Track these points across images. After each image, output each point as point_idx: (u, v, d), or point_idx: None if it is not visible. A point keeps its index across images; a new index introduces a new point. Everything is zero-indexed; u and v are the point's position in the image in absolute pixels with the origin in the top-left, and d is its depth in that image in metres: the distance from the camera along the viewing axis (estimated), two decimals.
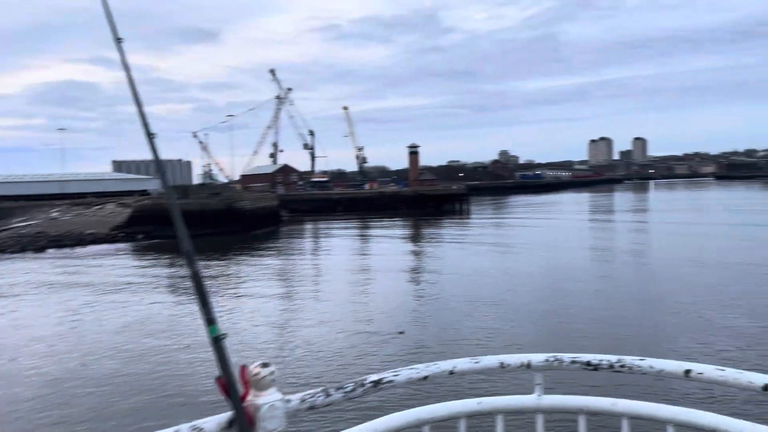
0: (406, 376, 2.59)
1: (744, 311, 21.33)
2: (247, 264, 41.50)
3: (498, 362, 2.81)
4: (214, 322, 2.27)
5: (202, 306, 2.29)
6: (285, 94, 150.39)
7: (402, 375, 2.59)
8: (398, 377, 2.58)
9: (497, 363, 2.80)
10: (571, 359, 2.81)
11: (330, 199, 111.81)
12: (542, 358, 2.82)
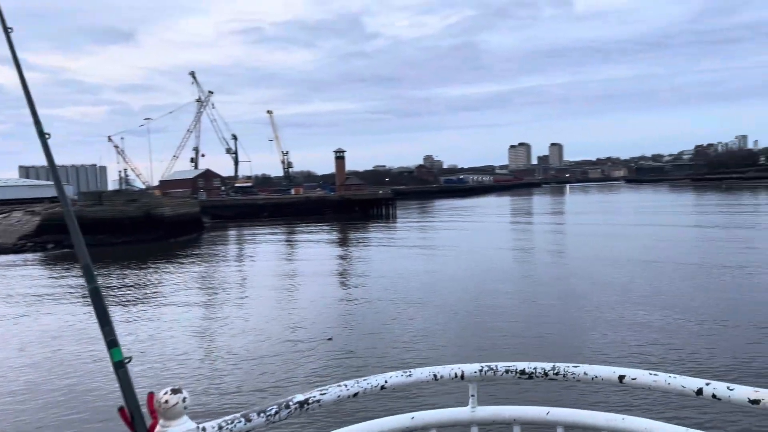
0: (335, 394, 2.45)
1: (653, 307, 22.52)
2: (166, 273, 39.98)
3: (431, 374, 2.73)
4: (117, 345, 2.09)
5: (102, 326, 2.10)
6: (206, 97, 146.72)
7: (330, 393, 2.44)
8: (326, 396, 2.42)
9: (430, 375, 2.73)
10: (505, 368, 2.77)
11: (254, 204, 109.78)
12: (475, 368, 2.77)
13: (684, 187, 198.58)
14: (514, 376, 2.76)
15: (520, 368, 2.76)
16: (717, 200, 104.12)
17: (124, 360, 2.06)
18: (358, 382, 2.56)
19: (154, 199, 77.41)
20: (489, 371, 2.76)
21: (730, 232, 49.84)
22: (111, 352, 2.05)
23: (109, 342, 2.07)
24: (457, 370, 2.75)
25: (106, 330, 2.09)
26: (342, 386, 2.51)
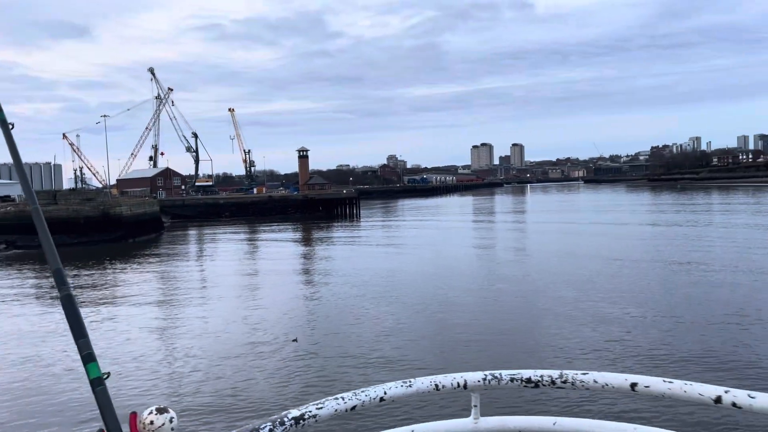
0: (332, 408, 2.31)
1: (611, 302, 22.92)
2: (124, 274, 38.95)
3: (432, 384, 2.59)
4: (93, 359, 1.84)
5: (76, 338, 1.85)
6: (165, 95, 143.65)
7: (327, 407, 2.31)
8: (323, 410, 2.28)
9: (431, 385, 2.59)
10: (510, 376, 2.65)
11: (216, 204, 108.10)
12: (479, 377, 2.64)
13: (641, 187, 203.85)
14: (519, 385, 2.63)
15: (526, 376, 2.65)
16: (672, 200, 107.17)
17: (102, 376, 1.84)
18: (356, 394, 2.43)
19: (112, 198, 75.48)
20: (493, 380, 2.63)
21: (685, 230, 51.28)
22: (87, 368, 1.82)
23: (84, 356, 1.84)
24: (460, 379, 2.63)
25: (81, 343, 1.86)
26: (339, 399, 2.37)
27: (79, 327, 1.90)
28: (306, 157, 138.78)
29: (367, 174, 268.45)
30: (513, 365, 16.32)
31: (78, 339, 1.88)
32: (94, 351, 1.88)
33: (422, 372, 15.83)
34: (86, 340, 1.88)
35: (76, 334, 1.88)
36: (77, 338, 1.87)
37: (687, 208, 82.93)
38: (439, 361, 16.70)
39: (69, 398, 14.78)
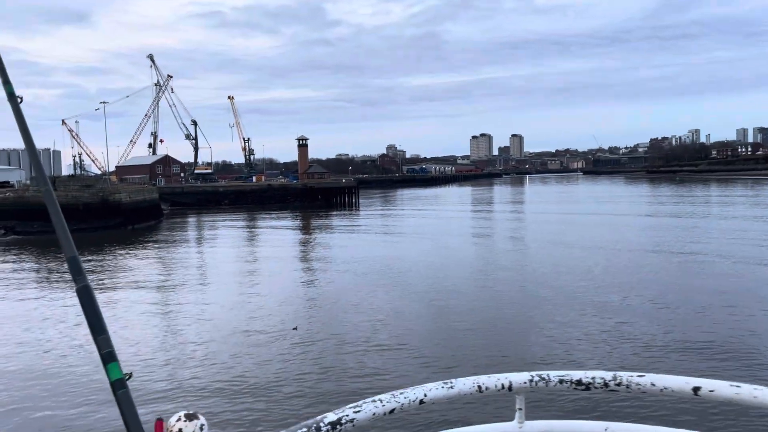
0: (370, 411, 2.21)
1: (609, 290, 23.00)
2: (123, 261, 38.99)
3: (474, 385, 2.46)
4: (115, 359, 1.67)
5: (95, 335, 1.68)
6: (165, 82, 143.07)
7: (365, 410, 2.20)
8: (360, 413, 2.18)
9: (474, 386, 2.46)
10: (559, 378, 2.49)
11: (215, 191, 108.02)
12: (524, 378, 2.50)
13: (639, 179, 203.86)
14: (569, 387, 2.48)
15: (576, 378, 2.49)
16: (671, 192, 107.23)
17: (124, 377, 1.66)
18: (394, 396, 2.30)
19: (111, 185, 75.41)
20: (540, 381, 2.49)
21: (684, 221, 51.36)
22: (107, 368, 1.65)
23: (104, 355, 1.66)
24: (504, 381, 2.49)
25: (101, 340, 1.68)
26: (377, 402, 2.26)
27: (98, 322, 1.73)
28: (305, 145, 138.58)
29: (366, 163, 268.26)
30: (515, 350, 16.42)
31: (97, 336, 1.70)
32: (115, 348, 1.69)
33: (423, 361, 15.91)
34: (106, 336, 1.70)
35: (95, 329, 1.71)
36: (96, 335, 1.70)
37: (685, 200, 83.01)
38: (439, 349, 16.78)
39: (67, 380, 14.86)
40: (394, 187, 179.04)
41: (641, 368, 14.60)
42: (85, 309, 1.75)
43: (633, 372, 2.48)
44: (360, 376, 14.97)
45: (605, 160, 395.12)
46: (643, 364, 15.05)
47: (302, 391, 14.04)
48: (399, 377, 14.74)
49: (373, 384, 14.30)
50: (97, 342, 1.70)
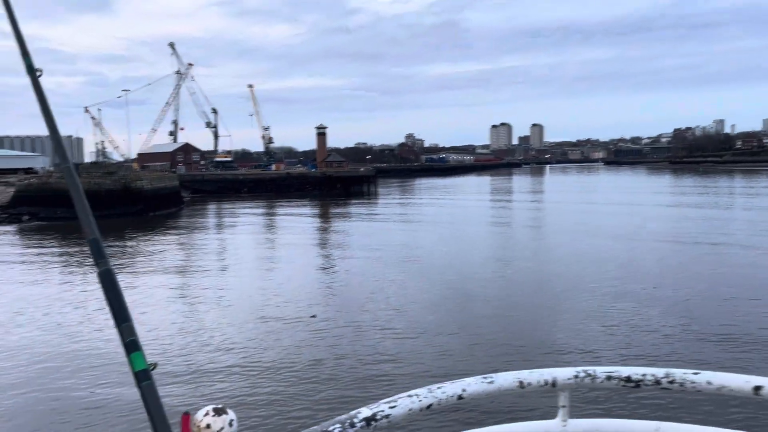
0: (406, 407, 2.12)
1: (631, 280, 22.78)
2: (144, 247, 39.49)
3: (516, 381, 2.35)
4: (138, 348, 1.58)
5: (118, 323, 1.59)
6: (185, 70, 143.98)
7: (401, 405, 2.12)
8: (396, 409, 2.09)
9: (515, 382, 2.35)
10: (606, 374, 2.37)
11: (235, 179, 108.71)
12: (570, 373, 2.38)
13: (662, 169, 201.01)
14: (617, 384, 2.35)
15: (625, 374, 2.36)
16: (694, 183, 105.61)
17: (149, 367, 1.56)
18: (431, 391, 2.21)
19: (133, 172, 76.24)
20: (587, 378, 2.36)
21: (707, 212, 50.56)
22: (131, 358, 1.55)
23: (127, 344, 1.56)
24: (548, 376, 2.37)
25: (125, 328, 1.58)
26: (413, 397, 2.17)
27: (121, 309, 1.62)
28: (324, 134, 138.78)
29: (384, 152, 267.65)
30: (533, 339, 16.34)
31: (120, 323, 1.60)
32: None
33: (440, 349, 15.92)
34: (129, 324, 1.60)
35: (118, 317, 1.60)
36: (119, 322, 1.60)
37: (709, 190, 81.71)
38: (457, 338, 16.78)
39: (90, 363, 15.14)
40: (413, 177, 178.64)
41: (669, 358, 14.47)
42: (108, 294, 1.64)
43: (687, 369, 2.33)
44: (378, 362, 15.03)
45: (627, 151, 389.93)
46: (668, 353, 14.90)
47: (323, 379, 14.15)
48: (416, 364, 14.78)
49: (391, 372, 14.37)
50: (120, 330, 1.59)
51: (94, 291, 24.61)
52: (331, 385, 13.74)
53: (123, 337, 1.58)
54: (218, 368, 14.97)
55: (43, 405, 13.00)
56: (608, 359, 14.79)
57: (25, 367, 15.31)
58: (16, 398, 13.38)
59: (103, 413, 12.42)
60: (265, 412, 12.27)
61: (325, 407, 12.34)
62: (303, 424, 10.23)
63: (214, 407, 1.65)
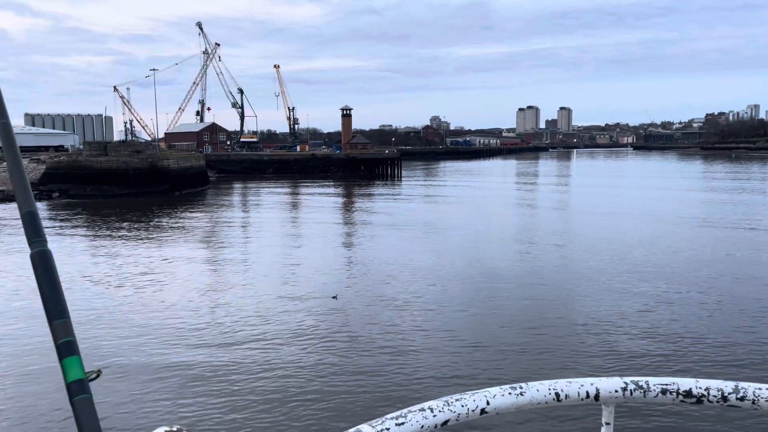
0: (418, 423, 1.77)
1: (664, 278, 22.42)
2: (171, 227, 40.03)
3: (551, 392, 2.01)
4: (75, 352, 1.23)
5: (51, 318, 1.25)
6: (212, 50, 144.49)
7: (410, 421, 1.76)
8: (404, 426, 1.74)
9: (550, 393, 2.01)
10: (661, 387, 2.04)
11: (260, 160, 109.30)
12: (616, 385, 2.04)
13: (692, 155, 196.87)
14: (674, 399, 2.01)
15: (684, 388, 2.03)
16: (726, 169, 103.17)
17: (87, 377, 1.23)
18: (448, 404, 1.86)
19: (160, 151, 77.15)
20: (636, 390, 2.03)
21: (739, 196, 49.40)
22: (63, 364, 1.21)
23: (61, 346, 1.23)
24: (590, 388, 2.03)
25: (59, 326, 1.24)
26: (426, 410, 1.82)
27: (57, 301, 1.27)
28: (349, 116, 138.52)
29: (409, 135, 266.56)
30: (554, 323, 16.23)
31: (53, 319, 1.26)
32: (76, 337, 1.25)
33: (455, 333, 15.88)
34: (66, 321, 1.26)
35: (52, 311, 1.26)
36: (52, 317, 1.26)
37: (740, 176, 79.73)
38: (475, 324, 16.73)
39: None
40: (437, 160, 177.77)
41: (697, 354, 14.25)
42: (41, 282, 1.29)
43: (762, 384, 1.97)
44: (393, 347, 15.06)
45: (657, 136, 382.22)
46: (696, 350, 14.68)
47: (338, 365, 14.23)
48: (430, 350, 14.78)
49: (408, 361, 14.39)
50: (53, 328, 1.25)
51: (122, 266, 25.07)
52: (348, 373, 13.81)
53: (56, 337, 1.23)
54: (230, 346, 15.14)
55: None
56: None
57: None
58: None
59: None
60: (264, 408, 12.40)
61: (335, 400, 12.43)
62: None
63: (167, 430, 1.33)
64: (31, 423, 11.13)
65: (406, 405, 1.79)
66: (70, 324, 1.27)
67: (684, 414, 10.74)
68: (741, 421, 10.36)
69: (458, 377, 13.02)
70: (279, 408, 11.60)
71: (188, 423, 10.62)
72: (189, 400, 11.95)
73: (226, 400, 11.93)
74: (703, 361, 13.82)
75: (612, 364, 13.72)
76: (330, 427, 10.72)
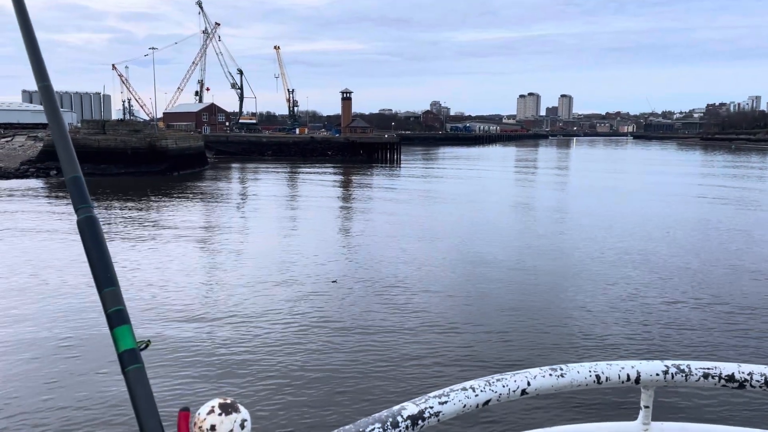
0: (460, 402, 1.78)
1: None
2: (169, 207, 39.85)
3: (592, 374, 1.99)
4: (126, 321, 1.23)
5: (100, 287, 1.23)
6: (212, 29, 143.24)
7: (453, 400, 1.78)
8: (447, 405, 1.76)
9: (591, 376, 1.99)
10: (703, 371, 2.01)
11: (259, 142, 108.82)
12: (657, 368, 2.02)
13: (692, 145, 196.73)
14: (716, 383, 2.00)
15: (727, 372, 2.00)
16: (725, 160, 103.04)
17: (138, 346, 1.22)
18: (489, 384, 1.86)
19: (158, 131, 76.69)
20: (678, 374, 2.01)
21: (736, 191, 49.35)
22: (115, 334, 1.20)
23: (111, 315, 1.22)
24: (630, 370, 2.02)
25: (108, 294, 1.23)
26: (468, 390, 1.83)
27: (106, 269, 1.25)
28: (349, 99, 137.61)
29: (409, 119, 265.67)
30: (541, 307, 16.20)
31: (103, 287, 1.24)
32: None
33: (456, 320, 15.81)
34: (115, 290, 1.25)
35: (101, 279, 1.25)
36: (102, 286, 1.24)
37: (739, 168, 79.65)
38: (471, 309, 16.66)
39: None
40: (437, 145, 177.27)
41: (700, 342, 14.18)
42: (89, 250, 1.27)
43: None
44: (396, 331, 15.01)
45: (657, 125, 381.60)
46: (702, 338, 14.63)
47: (342, 348, 14.17)
48: (433, 330, 14.72)
49: (409, 340, 14.33)
50: (103, 296, 1.24)
51: (118, 245, 24.93)
52: (354, 355, 13.74)
53: (106, 306, 1.23)
54: (235, 339, 15.06)
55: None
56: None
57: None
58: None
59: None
60: (277, 400, 12.33)
61: (344, 386, 12.37)
62: (325, 416, 10.17)
63: (221, 402, 1.29)
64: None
65: (421, 388, 1.78)
66: (119, 292, 1.26)
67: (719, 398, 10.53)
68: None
69: (469, 359, 12.96)
70: (303, 386, 11.53)
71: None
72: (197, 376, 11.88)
73: (239, 381, 11.86)
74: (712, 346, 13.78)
75: (638, 347, 13.66)
76: (365, 407, 10.66)
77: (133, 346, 1.21)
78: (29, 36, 1.58)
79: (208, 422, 1.25)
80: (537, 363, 1.94)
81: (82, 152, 63.05)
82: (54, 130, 1.41)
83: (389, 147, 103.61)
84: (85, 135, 67.05)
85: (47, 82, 1.53)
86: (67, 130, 1.45)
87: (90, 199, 1.33)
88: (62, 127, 1.44)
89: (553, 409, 10.32)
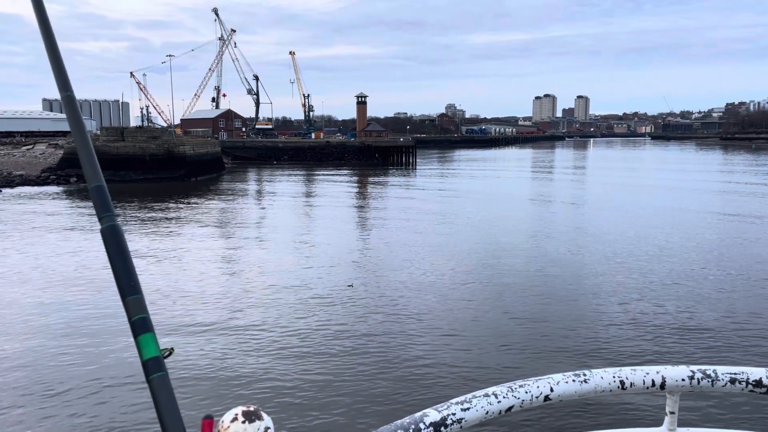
0: (483, 408, 1.78)
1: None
2: (187, 212, 40.17)
3: (616, 380, 1.97)
4: (150, 329, 1.24)
5: (124, 295, 1.26)
6: (228, 36, 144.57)
7: (475, 407, 1.77)
8: (470, 411, 1.75)
9: (615, 381, 1.97)
10: (730, 376, 1.97)
11: (275, 147, 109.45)
12: (683, 373, 1.99)
13: (712, 145, 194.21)
14: (743, 389, 1.96)
15: (755, 377, 1.96)
16: (745, 160, 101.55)
17: (162, 354, 1.24)
18: (512, 390, 1.85)
19: (176, 137, 77.43)
20: (704, 379, 1.97)
21: (757, 189, 48.61)
22: (139, 342, 1.21)
23: (135, 323, 1.23)
24: (655, 376, 1.99)
25: (132, 302, 1.24)
26: (491, 396, 1.82)
27: (129, 277, 1.26)
28: (364, 103, 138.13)
29: (424, 123, 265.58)
30: (554, 309, 16.03)
31: (127, 295, 1.26)
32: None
33: (475, 328, 15.72)
34: (139, 298, 1.26)
35: (125, 287, 1.26)
36: (126, 294, 1.26)
37: (760, 167, 78.45)
38: (492, 317, 16.56)
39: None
40: (452, 148, 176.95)
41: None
42: (112, 258, 1.29)
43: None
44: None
45: (676, 125, 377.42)
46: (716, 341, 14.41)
47: (365, 354, 14.15)
48: (450, 336, 14.65)
49: (426, 345, 14.27)
50: (126, 304, 1.25)
51: (140, 250, 25.17)
52: (371, 361, 13.73)
53: (130, 313, 1.24)
54: (254, 343, 15.12)
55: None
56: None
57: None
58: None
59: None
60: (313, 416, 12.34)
61: (356, 385, 12.34)
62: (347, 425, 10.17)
63: (245, 410, 1.29)
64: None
65: (440, 395, 1.77)
66: (143, 300, 1.27)
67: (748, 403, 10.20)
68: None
69: (493, 366, 12.89)
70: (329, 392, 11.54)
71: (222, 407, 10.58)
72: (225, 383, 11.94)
73: (263, 386, 11.89)
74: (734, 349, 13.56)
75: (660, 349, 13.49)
76: (387, 414, 10.64)
77: (158, 354, 1.22)
78: (52, 46, 1.61)
79: (232, 430, 1.26)
80: (561, 369, 1.91)
81: (102, 159, 63.02)
82: (77, 139, 1.43)
83: (405, 150, 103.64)
84: (104, 142, 67.91)
85: (70, 92, 1.58)
86: (90, 139, 1.48)
87: (113, 208, 1.37)
88: (85, 136, 1.47)
89: (573, 417, 10.21)
